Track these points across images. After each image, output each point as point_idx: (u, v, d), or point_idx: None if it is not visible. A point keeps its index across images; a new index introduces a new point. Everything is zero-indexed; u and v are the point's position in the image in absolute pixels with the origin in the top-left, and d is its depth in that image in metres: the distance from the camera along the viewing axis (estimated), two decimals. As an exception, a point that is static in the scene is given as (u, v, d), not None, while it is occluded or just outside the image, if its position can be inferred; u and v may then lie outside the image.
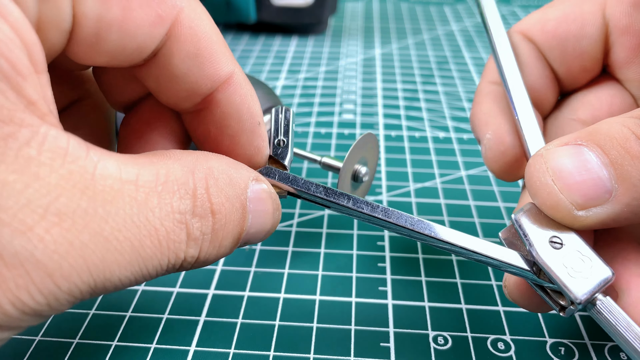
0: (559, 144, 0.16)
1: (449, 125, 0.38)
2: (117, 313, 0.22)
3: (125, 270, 0.12)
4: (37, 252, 0.11)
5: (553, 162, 0.16)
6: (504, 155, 0.21)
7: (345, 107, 0.41)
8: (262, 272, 0.25)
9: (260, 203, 0.16)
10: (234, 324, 0.22)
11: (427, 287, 0.24)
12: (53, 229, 0.11)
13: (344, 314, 0.22)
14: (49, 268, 0.11)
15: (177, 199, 0.13)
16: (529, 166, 0.16)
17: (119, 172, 0.12)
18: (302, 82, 0.46)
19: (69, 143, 0.12)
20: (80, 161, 0.12)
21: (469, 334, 0.21)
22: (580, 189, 0.15)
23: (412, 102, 0.42)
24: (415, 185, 0.31)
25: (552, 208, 0.16)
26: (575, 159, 0.15)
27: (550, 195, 0.16)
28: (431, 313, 0.22)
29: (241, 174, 0.15)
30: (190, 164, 0.14)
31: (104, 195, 0.12)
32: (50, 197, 0.11)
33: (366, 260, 0.25)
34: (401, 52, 0.52)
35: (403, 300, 0.23)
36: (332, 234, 0.27)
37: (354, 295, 0.23)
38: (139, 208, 0.12)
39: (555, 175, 0.15)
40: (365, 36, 0.56)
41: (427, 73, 0.47)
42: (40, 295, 0.11)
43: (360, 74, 0.47)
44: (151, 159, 0.14)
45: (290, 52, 0.52)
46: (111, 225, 0.12)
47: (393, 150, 0.35)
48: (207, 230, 0.14)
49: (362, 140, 0.23)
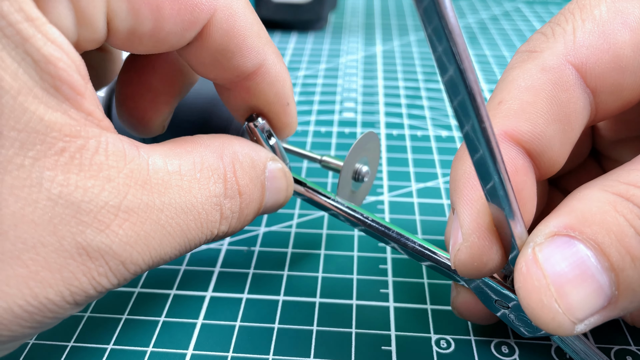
0: (549, 235, 0.14)
1: (451, 123, 0.38)
2: (112, 315, 0.23)
3: (175, 250, 0.15)
4: (114, 245, 0.13)
5: (551, 272, 0.14)
6: (480, 269, 0.16)
7: (346, 105, 0.41)
8: (260, 274, 0.25)
9: (276, 181, 0.18)
10: (232, 327, 0.22)
11: (429, 290, 0.24)
12: (124, 224, 0.13)
13: (345, 317, 0.22)
14: (122, 257, 0.14)
15: (212, 183, 0.16)
16: (524, 277, 0.14)
17: (165, 164, 0.15)
18: (301, 79, 0.46)
19: (124, 145, 0.14)
20: (136, 160, 0.14)
21: (472, 337, 0.21)
22: (583, 305, 0.14)
23: (414, 100, 0.42)
24: (418, 185, 0.31)
25: (553, 330, 0.14)
26: (574, 265, 0.14)
27: (554, 319, 0.14)
28: (434, 316, 0.23)
29: (260, 155, 0.18)
30: (218, 149, 0.16)
31: (158, 188, 0.14)
32: (120, 196, 0.13)
33: (367, 262, 0.25)
34: (403, 49, 0.52)
35: (405, 303, 0.23)
36: (332, 235, 0.27)
37: (355, 297, 0.23)
38: (185, 196, 0.15)
39: (558, 294, 0.14)
40: (366, 33, 0.57)
41: (430, 70, 0.47)
42: (115, 279, 0.14)
43: (361, 71, 0.48)
44: (186, 147, 0.16)
45: (289, 49, 0.52)
46: (166, 214, 0.14)
47: (395, 149, 0.35)
48: (236, 209, 0.17)
49: (363, 139, 0.23)
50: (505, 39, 0.55)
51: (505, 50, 0.52)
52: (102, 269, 0.13)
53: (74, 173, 0.13)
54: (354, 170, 0.24)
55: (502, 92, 0.17)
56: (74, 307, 0.14)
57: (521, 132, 0.16)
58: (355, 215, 0.20)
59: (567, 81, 0.16)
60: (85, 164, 0.13)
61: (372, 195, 0.30)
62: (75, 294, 0.13)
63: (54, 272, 0.13)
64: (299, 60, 0.49)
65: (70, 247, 0.13)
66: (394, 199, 0.30)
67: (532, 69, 0.17)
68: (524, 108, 0.16)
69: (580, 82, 0.16)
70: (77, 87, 0.13)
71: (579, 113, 0.17)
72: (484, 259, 0.16)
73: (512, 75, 0.17)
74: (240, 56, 0.17)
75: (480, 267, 0.16)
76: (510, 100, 0.17)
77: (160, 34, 0.15)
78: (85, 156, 0.13)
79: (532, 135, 0.16)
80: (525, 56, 0.17)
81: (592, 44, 0.16)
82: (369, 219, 0.20)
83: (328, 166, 0.25)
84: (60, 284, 0.13)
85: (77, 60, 0.13)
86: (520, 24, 0.59)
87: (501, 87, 0.17)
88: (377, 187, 0.31)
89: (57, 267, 0.13)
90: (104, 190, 0.13)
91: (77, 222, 0.13)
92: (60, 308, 0.13)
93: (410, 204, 0.30)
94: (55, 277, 0.13)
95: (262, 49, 0.18)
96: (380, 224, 0.20)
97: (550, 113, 0.16)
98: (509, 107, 0.16)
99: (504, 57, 0.50)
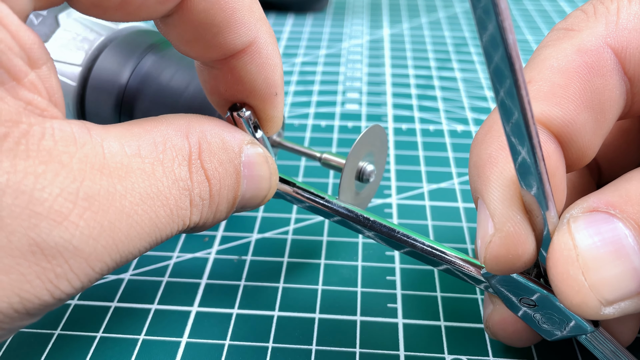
0: (587, 210, 0.15)
1: (468, 117, 0.38)
2: (85, 333, 0.22)
3: (144, 242, 0.14)
4: (74, 240, 0.13)
5: (583, 244, 0.15)
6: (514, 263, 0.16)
7: (349, 97, 0.41)
8: (252, 287, 0.25)
9: (255, 167, 0.18)
10: (221, 346, 0.22)
11: (442, 304, 0.24)
12: (85, 213, 0.13)
13: (348, 335, 0.22)
14: (85, 253, 0.13)
15: (177, 165, 0.15)
16: (555, 247, 0.15)
17: (122, 147, 0.14)
18: (299, 67, 0.46)
19: (73, 129, 0.13)
20: (89, 143, 0.13)
21: (491, 357, 0.21)
22: (613, 284, 0.14)
23: (425, 91, 0.42)
24: (430, 187, 0.31)
25: (578, 306, 0.15)
26: (608, 241, 0.14)
27: (579, 293, 0.15)
28: (448, 334, 0.22)
29: (235, 137, 0.17)
30: (183, 127, 0.16)
31: (118, 172, 0.14)
32: (78, 182, 0.13)
33: (373, 273, 0.25)
34: (413, 32, 0.52)
35: (415, 319, 0.23)
36: (333, 243, 0.27)
37: (359, 313, 0.23)
38: (149, 180, 0.14)
39: (585, 267, 0.15)
40: (372, 14, 0.57)
41: (444, 57, 0.47)
42: (78, 281, 0.13)
43: (366, 57, 0.47)
44: (145, 127, 0.15)
45: (285, 32, 0.52)
46: (130, 200, 0.14)
47: (404, 145, 0.35)
48: (205, 195, 0.16)
49: (368, 133, 0.23)
50: (528, 20, 0.54)
51: (528, 33, 0.51)
52: (60, 269, 0.13)
53: (21, 159, 0.12)
54: (358, 169, 0.24)
55: (532, 71, 0.17)
56: (25, 318, 0.13)
57: (549, 116, 0.16)
58: (360, 220, 0.20)
59: (604, 66, 0.16)
60: (32, 149, 0.12)
61: (378, 197, 0.30)
62: (26, 301, 0.12)
63: (0, 274, 0.12)
64: (296, 45, 0.49)
65: (21, 244, 0.12)
66: (403, 202, 0.30)
67: (567, 49, 0.17)
68: (554, 91, 0.16)
69: (618, 68, 0.16)
70: (15, 73, 0.12)
71: (614, 102, 0.17)
72: (519, 251, 0.16)
73: (544, 54, 0.17)
74: (228, 32, 0.17)
75: (514, 260, 0.16)
76: (540, 81, 0.17)
77: (129, 7, 0.15)
78: (32, 142, 0.12)
79: (561, 121, 0.16)
80: (561, 34, 0.17)
81: (636, 27, 0.16)
82: (377, 223, 0.20)
83: (329, 164, 0.25)
84: (7, 288, 0.12)
85: (27, 42, 0.13)
86: (545, 4, 0.58)
87: (532, 65, 0.17)
88: (384, 189, 0.31)
89: (4, 269, 0.12)
90: (57, 175, 0.13)
91: (29, 214, 0.12)
92: (7, 318, 0.12)
93: (421, 207, 0.29)
94: (1, 281, 0.12)
95: (254, 25, 0.17)
96: (390, 228, 0.20)
97: (583, 99, 0.16)
98: (538, 89, 0.17)
99: (527, 41, 0.50)
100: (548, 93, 0.16)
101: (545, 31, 0.52)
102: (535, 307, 0.18)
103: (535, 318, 0.18)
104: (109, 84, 0.25)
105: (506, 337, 0.20)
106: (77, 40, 0.25)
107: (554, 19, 0.55)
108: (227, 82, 0.18)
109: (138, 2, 0.15)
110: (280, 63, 0.19)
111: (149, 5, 0.15)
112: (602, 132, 0.17)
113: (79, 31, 0.25)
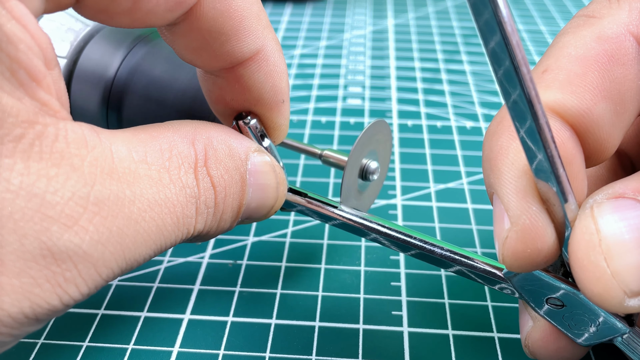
0: (612, 196, 0.15)
1: (478, 112, 0.38)
2: (70, 343, 0.22)
3: (150, 249, 0.15)
4: (84, 244, 0.13)
5: (606, 229, 0.15)
6: (533, 259, 0.16)
7: (351, 91, 0.41)
8: (248, 293, 0.25)
9: (262, 176, 0.18)
10: (215, 356, 0.22)
11: (450, 311, 0.24)
12: (95, 218, 0.13)
13: (350, 344, 0.22)
14: (93, 258, 0.13)
15: (184, 173, 0.16)
16: (576, 232, 0.15)
17: (129, 152, 0.15)
18: (297, 59, 0.46)
19: (84, 131, 0.14)
20: (99, 147, 0.14)
21: (503, 368, 0.21)
22: (638, 273, 0.14)
23: (432, 85, 0.42)
24: (437, 187, 0.31)
25: (599, 296, 0.15)
26: (635, 227, 0.14)
27: (599, 280, 0.14)
28: (456, 343, 0.22)
29: (242, 144, 0.18)
30: (189, 134, 0.17)
31: (126, 178, 0.14)
32: (89, 186, 0.13)
33: (377, 279, 0.25)
34: (419, 22, 0.52)
35: (422, 328, 0.23)
36: (334, 246, 0.27)
37: (362, 321, 0.23)
38: (157, 187, 0.15)
39: (608, 253, 0.14)
40: (376, 3, 0.57)
41: (452, 49, 0.47)
42: (85, 286, 0.14)
43: (369, 49, 0.47)
44: (151, 133, 0.16)
45: (283, 22, 0.52)
46: (138, 206, 0.14)
47: (409, 143, 0.35)
48: (211, 203, 0.17)
49: (371, 129, 0.23)
50: (542, 10, 0.54)
51: (542, 24, 0.51)
52: (69, 273, 0.13)
53: (34, 161, 0.13)
54: (361, 166, 0.24)
55: (549, 59, 0.17)
56: (32, 324, 0.13)
57: (565, 106, 0.16)
58: (363, 223, 0.20)
59: (625, 54, 0.16)
60: (45, 151, 0.13)
61: (382, 198, 0.30)
62: (36, 306, 0.13)
63: (12, 278, 0.12)
64: (294, 36, 0.49)
65: (33, 247, 0.13)
66: (408, 203, 0.30)
67: (586, 37, 0.17)
68: (570, 80, 0.16)
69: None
70: (34, 74, 0.13)
71: (635, 93, 0.17)
72: (537, 245, 0.15)
73: (562, 42, 0.17)
74: (236, 40, 0.17)
75: (533, 255, 0.16)
76: (557, 69, 0.17)
77: (138, 14, 0.16)
78: (45, 143, 0.13)
79: (576, 111, 0.16)
80: (581, 21, 0.17)
81: None
82: (382, 226, 0.20)
83: (330, 162, 0.25)
84: (18, 292, 0.13)
85: (43, 43, 0.13)
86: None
87: (549, 53, 0.18)
88: (389, 189, 0.31)
89: (16, 272, 0.12)
90: (69, 179, 0.13)
91: (41, 217, 0.13)
92: (16, 323, 0.13)
93: (428, 208, 0.29)
94: (13, 284, 0.12)
95: (262, 32, 0.18)
96: (397, 230, 0.20)
97: (601, 89, 0.16)
98: (554, 77, 0.17)
99: (540, 32, 0.50)
100: (564, 82, 0.16)
101: (560, 21, 0.52)
102: (564, 308, 0.17)
103: (565, 320, 0.18)
104: (95, 77, 0.25)
105: (547, 357, 0.19)
106: (61, 30, 0.25)
107: (569, 8, 0.55)
108: (234, 91, 0.19)
109: (146, 8, 0.15)
110: (286, 70, 0.19)
111: (157, 12, 0.16)
112: (623, 124, 0.17)
113: (63, 21, 0.25)
